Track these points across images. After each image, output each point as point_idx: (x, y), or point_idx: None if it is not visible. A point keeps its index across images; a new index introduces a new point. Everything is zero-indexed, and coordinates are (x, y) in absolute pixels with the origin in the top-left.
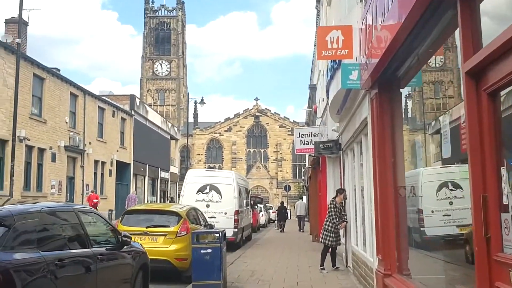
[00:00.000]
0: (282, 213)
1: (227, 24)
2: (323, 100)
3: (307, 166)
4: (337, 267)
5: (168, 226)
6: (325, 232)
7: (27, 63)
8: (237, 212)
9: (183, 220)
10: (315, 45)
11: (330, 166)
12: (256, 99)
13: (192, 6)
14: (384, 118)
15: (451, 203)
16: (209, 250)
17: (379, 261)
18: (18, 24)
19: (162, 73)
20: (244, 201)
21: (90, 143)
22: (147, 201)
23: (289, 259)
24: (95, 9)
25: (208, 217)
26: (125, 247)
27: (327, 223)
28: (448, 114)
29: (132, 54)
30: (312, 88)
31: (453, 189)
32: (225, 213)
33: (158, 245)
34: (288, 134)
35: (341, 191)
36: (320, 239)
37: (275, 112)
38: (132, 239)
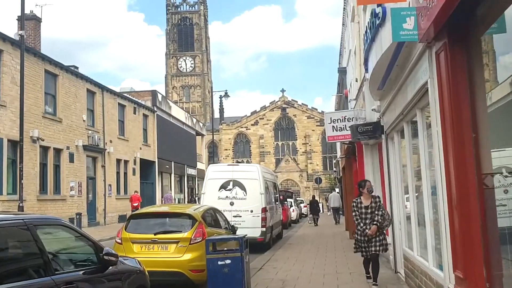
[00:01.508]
0: (314, 206)
1: (251, 19)
2: (356, 81)
3: (339, 156)
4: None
5: (181, 231)
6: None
7: (38, 58)
8: (264, 210)
9: (198, 224)
10: (343, 24)
11: (368, 154)
12: (282, 91)
13: (216, 2)
14: (458, 78)
15: None
16: (228, 261)
17: (459, 280)
18: (20, 14)
19: (186, 69)
20: (272, 196)
21: (110, 141)
22: (176, 200)
23: (326, 263)
24: (121, 11)
25: (233, 216)
26: (110, 267)
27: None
28: None
29: (159, 53)
30: (342, 71)
31: None
32: (251, 211)
33: (170, 254)
34: (317, 125)
35: (362, 184)
36: None
37: (302, 103)
38: (140, 249)
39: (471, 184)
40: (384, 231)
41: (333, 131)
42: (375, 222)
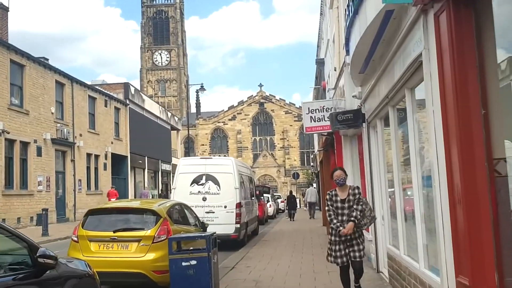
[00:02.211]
0: (291, 202)
1: (229, 15)
2: (334, 70)
3: (317, 149)
4: None
5: (143, 229)
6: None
7: (2, 48)
8: (239, 205)
9: (163, 220)
10: (321, 14)
11: (347, 146)
12: (260, 85)
13: None
14: (464, 43)
15: None
16: (194, 262)
17: (463, 287)
18: None
19: (162, 63)
20: (248, 191)
21: (80, 135)
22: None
23: (302, 261)
24: (98, 6)
25: (205, 212)
26: (48, 271)
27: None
28: None
29: (135, 48)
30: (320, 63)
31: None
32: (225, 207)
33: (130, 254)
34: (295, 120)
35: (332, 174)
36: None
37: (280, 98)
38: (98, 248)
39: (479, 172)
40: (363, 230)
41: (311, 121)
42: (352, 218)
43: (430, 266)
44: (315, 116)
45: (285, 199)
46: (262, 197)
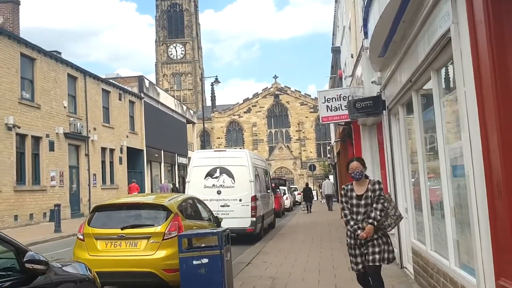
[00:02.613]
0: (307, 194)
1: (244, 7)
2: (351, 57)
3: (334, 140)
4: None
5: (153, 225)
6: None
7: (13, 41)
8: (254, 198)
9: (174, 216)
10: (336, 1)
11: (365, 136)
12: (275, 77)
13: None
14: (502, 13)
15: None
16: (205, 260)
17: None
18: None
19: (177, 56)
20: (263, 184)
21: (94, 129)
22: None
23: (321, 255)
24: (113, 1)
25: (220, 206)
26: (39, 277)
27: None
28: None
29: (150, 43)
30: (335, 51)
31: None
32: (240, 200)
33: (140, 252)
34: (310, 112)
35: (348, 165)
36: None
37: (295, 90)
38: (105, 246)
39: None
40: (388, 233)
41: (327, 111)
42: (370, 220)
43: (462, 264)
44: (331, 105)
45: (301, 192)
46: (278, 190)
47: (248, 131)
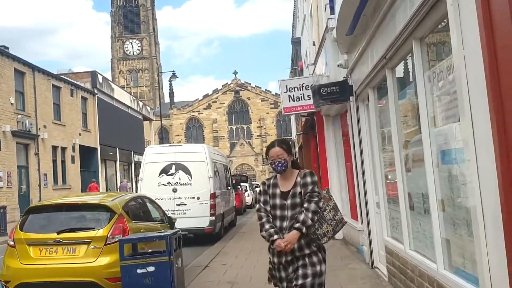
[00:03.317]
0: None
1: (203, 4)
2: (313, 45)
3: (295, 134)
4: None
5: (94, 228)
6: None
7: None
8: (213, 196)
9: (118, 217)
10: None
11: (329, 127)
12: (235, 73)
13: None
14: None
15: None
16: (151, 268)
17: None
18: None
19: (133, 52)
20: (224, 180)
21: (45, 126)
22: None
23: None
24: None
25: (176, 205)
26: None
27: None
28: None
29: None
30: (296, 42)
31: None
32: (198, 198)
33: (78, 259)
34: (271, 108)
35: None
36: None
37: (256, 86)
38: (39, 254)
39: None
40: (322, 244)
41: (289, 101)
42: (297, 224)
43: (454, 268)
44: (293, 95)
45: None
46: (239, 187)
47: (208, 127)
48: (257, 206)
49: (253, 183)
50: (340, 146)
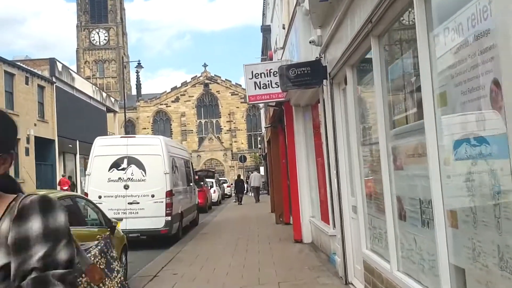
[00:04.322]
0: (239, 186)
1: None
2: (283, 28)
3: (264, 126)
4: None
5: None
6: None
7: None
8: (169, 193)
9: None
10: None
11: (299, 119)
12: (205, 65)
13: None
14: None
15: None
16: None
17: None
18: None
19: (99, 42)
20: (184, 176)
21: None
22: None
23: (245, 263)
24: None
25: (128, 203)
26: None
27: None
28: None
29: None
30: (266, 30)
31: None
32: (153, 196)
33: None
34: (241, 102)
35: None
36: None
37: (226, 79)
38: None
39: None
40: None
41: (255, 88)
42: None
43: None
44: (260, 82)
45: (231, 184)
46: (203, 182)
47: (176, 121)
48: None
49: (219, 178)
50: (310, 140)
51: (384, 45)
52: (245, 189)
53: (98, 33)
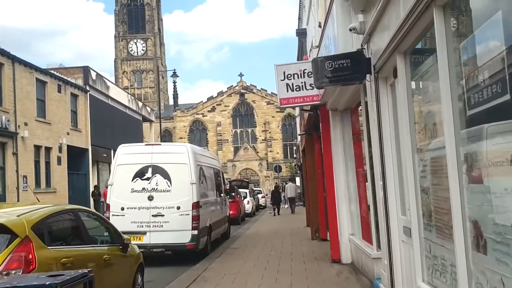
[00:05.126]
0: (275, 197)
1: (214, 9)
2: (319, 27)
3: (298, 133)
4: None
5: None
6: None
7: None
8: (196, 205)
9: (21, 242)
10: None
11: (336, 125)
12: (241, 75)
13: None
14: None
15: None
16: None
17: None
18: None
19: (137, 52)
20: (213, 187)
21: (26, 124)
22: None
23: (277, 283)
24: (80, 1)
25: (152, 216)
26: None
27: None
28: None
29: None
30: (301, 34)
31: None
32: (178, 208)
33: None
34: (277, 112)
35: None
36: None
37: (261, 88)
38: None
39: None
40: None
41: (287, 91)
42: None
43: None
44: (292, 84)
45: (266, 194)
46: (235, 193)
47: (212, 130)
48: None
49: (254, 189)
50: (349, 148)
51: (451, 16)
52: (282, 199)
53: (136, 43)
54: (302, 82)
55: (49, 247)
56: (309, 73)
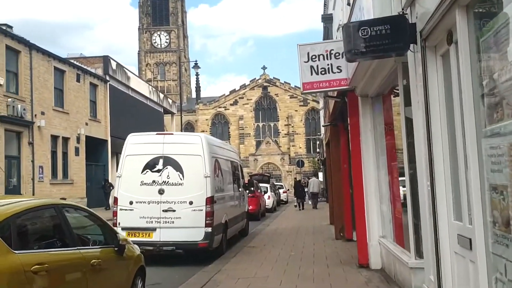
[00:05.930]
0: (299, 191)
1: (239, 3)
2: (348, 5)
3: (322, 126)
4: None
5: None
6: None
7: None
8: (210, 201)
9: None
10: None
11: (366, 113)
12: (264, 68)
13: None
14: None
15: None
16: None
17: None
18: None
19: (161, 45)
20: (230, 180)
21: (42, 113)
22: None
23: None
24: None
25: (163, 211)
26: None
27: None
28: None
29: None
30: (327, 19)
31: None
32: (191, 203)
33: None
34: (300, 105)
35: None
36: None
37: (284, 82)
38: None
39: None
40: None
41: (311, 74)
42: None
43: None
44: (317, 66)
45: (287, 189)
46: (254, 188)
47: (234, 124)
48: None
49: (275, 183)
50: (381, 139)
51: None
52: (305, 194)
53: (159, 35)
54: (328, 64)
55: (16, 252)
56: (336, 54)
